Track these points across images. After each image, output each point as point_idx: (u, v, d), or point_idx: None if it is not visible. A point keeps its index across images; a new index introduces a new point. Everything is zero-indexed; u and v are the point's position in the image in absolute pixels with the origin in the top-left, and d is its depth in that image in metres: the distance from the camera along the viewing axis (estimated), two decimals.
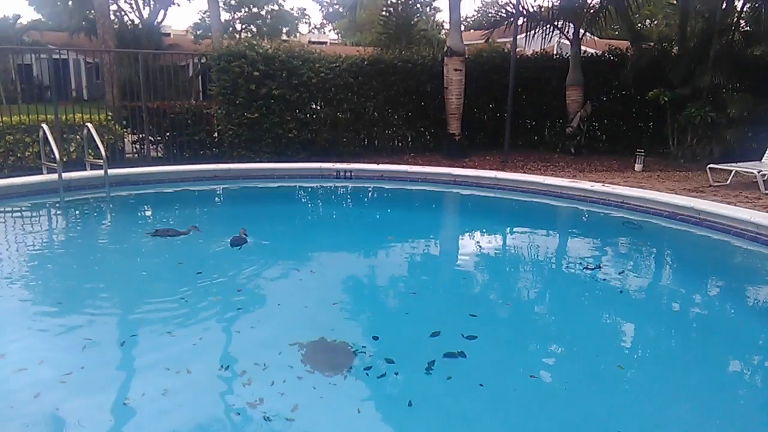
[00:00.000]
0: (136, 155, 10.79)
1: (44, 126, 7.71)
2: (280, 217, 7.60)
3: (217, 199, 8.67)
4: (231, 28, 38.81)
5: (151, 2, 31.52)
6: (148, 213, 7.91)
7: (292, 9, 42.76)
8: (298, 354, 3.38)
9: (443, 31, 26.29)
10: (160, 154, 10.89)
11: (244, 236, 5.67)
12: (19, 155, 9.27)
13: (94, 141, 9.25)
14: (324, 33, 51.64)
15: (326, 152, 10.98)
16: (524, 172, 10.15)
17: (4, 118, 9.21)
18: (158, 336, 3.67)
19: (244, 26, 40.61)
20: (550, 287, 5.22)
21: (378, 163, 9.55)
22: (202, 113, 10.80)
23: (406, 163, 10.43)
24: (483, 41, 13.73)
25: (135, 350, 3.51)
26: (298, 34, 44.21)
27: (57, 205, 7.30)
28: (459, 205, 8.83)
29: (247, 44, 10.21)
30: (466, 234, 7.30)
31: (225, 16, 37.16)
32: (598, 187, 7.63)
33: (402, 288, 4.93)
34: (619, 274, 5.26)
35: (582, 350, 3.77)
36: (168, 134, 10.70)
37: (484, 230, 7.18)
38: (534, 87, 12.78)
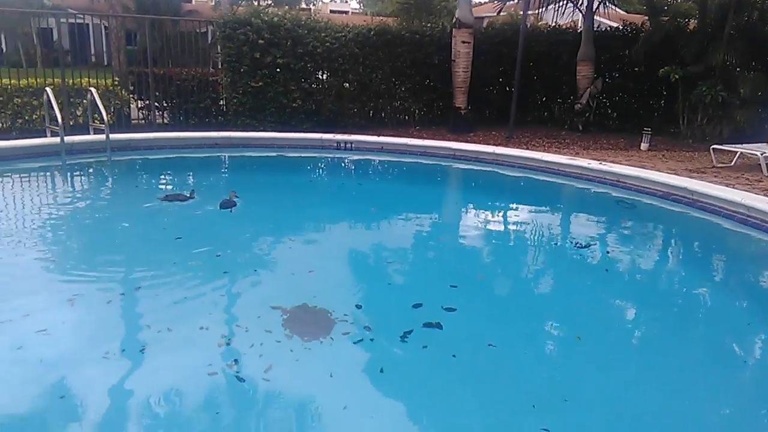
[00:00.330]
0: (143, 121, 10.92)
1: (48, 90, 7.83)
2: (277, 185, 7.67)
3: (217, 166, 8.77)
4: None
5: None
6: (148, 177, 8.05)
7: None
8: (279, 318, 3.46)
9: None
10: (166, 121, 11.01)
11: (233, 199, 5.80)
12: (26, 118, 9.45)
13: (98, 106, 9.50)
14: (346, 2, 51.12)
15: (331, 123, 10.98)
16: (527, 149, 10.07)
17: (12, 81, 9.36)
18: (145, 297, 3.80)
19: None
20: (535, 263, 5.26)
21: (379, 135, 9.55)
22: (208, 81, 10.85)
23: (410, 136, 10.41)
24: (495, 14, 13.50)
25: (121, 308, 3.64)
26: (320, 3, 43.72)
27: (58, 167, 7.48)
28: (455, 180, 8.83)
29: (252, 11, 10.17)
30: (457, 208, 7.33)
31: None
32: (595, 165, 7.57)
33: (387, 259, 4.97)
34: (606, 252, 5.28)
35: (558, 324, 3.81)
36: (174, 101, 10.80)
37: (476, 205, 7.21)
38: (545, 61, 12.57)
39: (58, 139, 7.51)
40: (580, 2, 12.00)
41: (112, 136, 7.95)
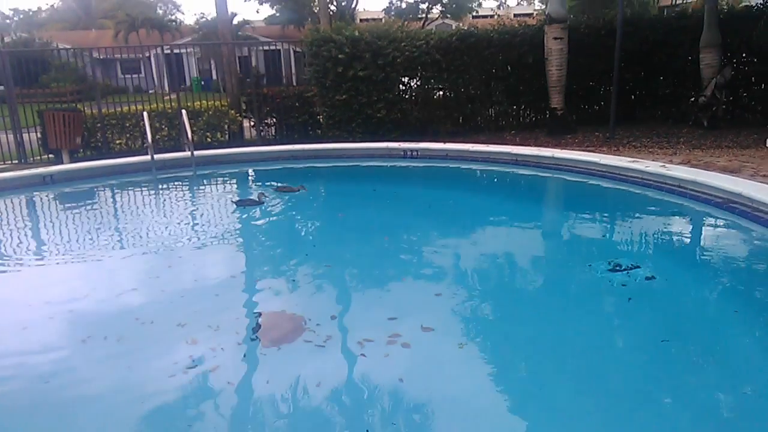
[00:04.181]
0: (257, 137, 12.07)
1: (145, 114, 9.13)
2: (331, 194, 8.10)
3: (291, 176, 9.33)
4: (419, 11, 39.18)
5: None
6: (225, 187, 8.88)
7: None
8: (252, 321, 3.65)
9: None
10: (274, 136, 12.03)
11: (257, 200, 6.61)
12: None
13: (215, 125, 10.91)
14: (532, 4, 49.93)
15: (420, 131, 11.03)
16: (628, 150, 9.13)
17: (139, 107, 11.03)
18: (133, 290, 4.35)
19: (430, 6, 41.03)
20: (552, 283, 4.61)
21: (445, 143, 9.38)
22: (305, 97, 11.61)
23: (504, 142, 10.02)
24: None
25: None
26: (503, 7, 43.17)
27: (149, 181, 8.63)
28: (506, 187, 8.31)
29: (334, 28, 10.67)
30: (487, 217, 6.83)
31: None
32: (653, 168, 6.62)
33: (388, 273, 4.78)
34: (646, 279, 4.22)
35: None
36: (276, 118, 11.78)
37: (512, 214, 6.71)
38: (663, 50, 11.13)
39: (161, 156, 8.81)
40: None
41: (220, 151, 9.45)
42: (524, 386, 3.03)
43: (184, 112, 9.37)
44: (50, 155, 10.57)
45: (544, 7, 18.88)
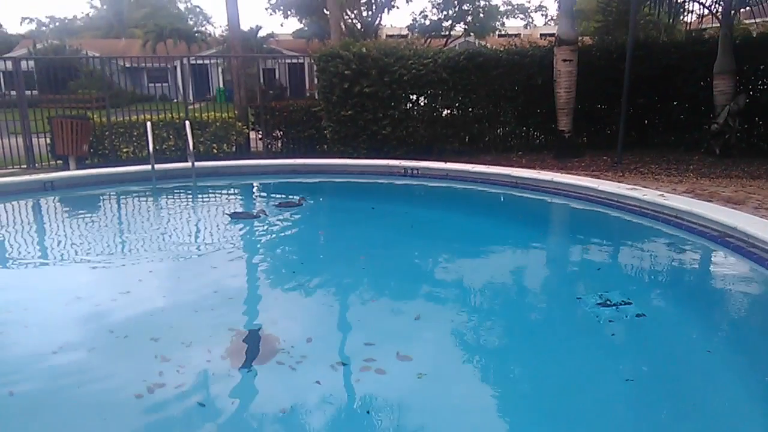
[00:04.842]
0: (264, 149, 12.10)
1: (148, 124, 9.20)
2: (328, 210, 8.12)
3: (288, 190, 9.30)
4: (442, 29, 39.19)
5: (374, 6, 33.85)
6: (222, 198, 8.86)
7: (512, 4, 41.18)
8: (226, 339, 3.55)
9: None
10: (280, 149, 12.04)
11: (254, 214, 6.78)
12: (158, 148, 11.14)
13: (222, 136, 10.98)
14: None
15: (425, 150, 10.93)
16: (633, 176, 8.92)
17: (145, 116, 11.14)
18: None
19: (453, 24, 41.04)
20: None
21: (448, 162, 9.26)
22: (312, 112, 11.61)
23: (509, 164, 9.89)
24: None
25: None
26: (530, 27, 42.96)
27: (147, 191, 8.67)
28: (501, 210, 8.14)
29: (342, 44, 10.68)
30: (476, 241, 6.64)
31: (433, 16, 38.09)
32: (650, 197, 6.42)
33: (367, 295, 4.69)
34: (617, 305, 4.06)
35: None
36: (282, 131, 11.80)
37: (503, 239, 6.55)
38: (678, 75, 10.89)
39: (162, 166, 8.84)
40: (713, 6, 10.21)
41: (221, 163, 9.52)
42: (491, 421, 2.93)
43: (188, 123, 9.40)
44: (58, 161, 10.72)
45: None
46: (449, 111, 11.17)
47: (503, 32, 39.82)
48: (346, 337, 3.88)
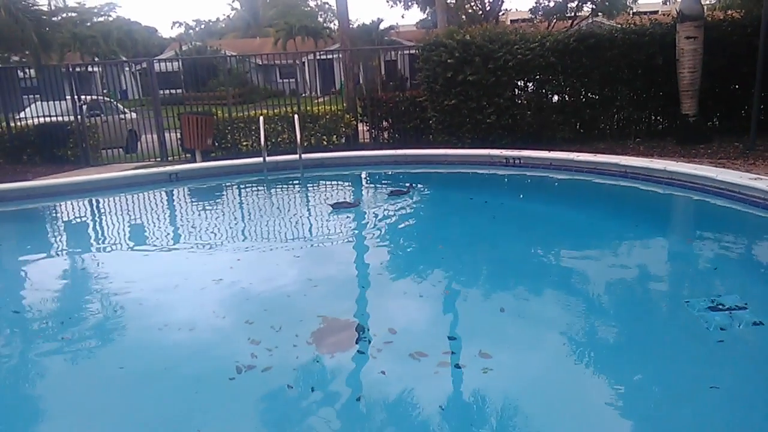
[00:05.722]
0: (371, 140, 12.37)
1: (261, 118, 9.78)
2: (427, 202, 8.01)
3: (388, 181, 9.44)
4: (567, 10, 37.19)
5: None
6: (327, 189, 9.21)
7: None
8: (315, 325, 3.71)
9: None
10: (387, 140, 12.23)
11: (353, 203, 7.12)
12: (273, 141, 11.81)
13: (332, 129, 11.42)
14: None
15: (533, 138, 10.53)
16: (766, 165, 7.99)
17: (261, 111, 11.83)
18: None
19: (579, 4, 38.77)
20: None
21: (555, 151, 8.86)
22: (417, 102, 11.64)
23: (625, 152, 9.29)
24: None
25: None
26: (671, 1, 39.84)
27: (258, 182, 9.23)
28: (606, 201, 7.65)
29: (447, 32, 10.57)
30: (576, 235, 6.30)
31: None
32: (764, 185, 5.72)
33: (440, 284, 4.69)
34: (731, 310, 3.70)
35: None
36: (389, 121, 11.95)
37: (608, 233, 6.14)
38: None
39: (276, 158, 9.53)
40: None
41: (326, 155, 10.03)
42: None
43: (296, 117, 9.85)
44: (187, 154, 11.75)
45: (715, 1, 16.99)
46: (559, 97, 10.66)
47: (635, 10, 37.00)
48: (429, 329, 3.86)
